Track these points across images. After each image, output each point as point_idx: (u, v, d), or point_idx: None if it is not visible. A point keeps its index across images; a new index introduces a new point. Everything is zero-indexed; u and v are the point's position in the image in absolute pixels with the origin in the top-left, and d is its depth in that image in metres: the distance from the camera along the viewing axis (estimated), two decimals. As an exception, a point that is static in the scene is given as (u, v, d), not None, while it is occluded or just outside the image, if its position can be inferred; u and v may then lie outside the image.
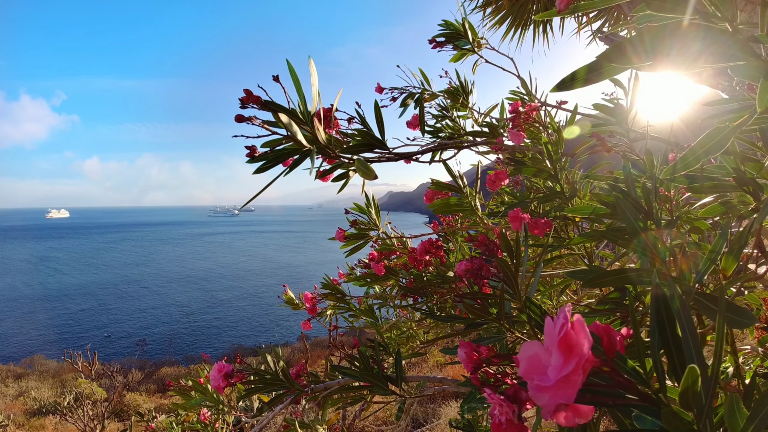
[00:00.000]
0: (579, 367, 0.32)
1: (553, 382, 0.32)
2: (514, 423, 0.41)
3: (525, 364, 0.35)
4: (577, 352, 0.32)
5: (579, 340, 0.33)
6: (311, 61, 0.70)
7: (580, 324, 0.33)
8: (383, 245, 1.71)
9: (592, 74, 0.47)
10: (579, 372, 0.32)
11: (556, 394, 0.32)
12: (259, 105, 0.68)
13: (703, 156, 0.53)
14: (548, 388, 0.32)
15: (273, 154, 0.73)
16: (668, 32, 0.41)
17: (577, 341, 0.33)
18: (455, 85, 1.80)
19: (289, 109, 0.71)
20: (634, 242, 0.62)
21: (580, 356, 0.32)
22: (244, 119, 0.68)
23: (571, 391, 0.32)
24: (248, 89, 0.68)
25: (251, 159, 0.72)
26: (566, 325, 0.33)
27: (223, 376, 1.17)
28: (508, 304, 0.73)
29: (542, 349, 0.35)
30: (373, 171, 0.76)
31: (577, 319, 0.34)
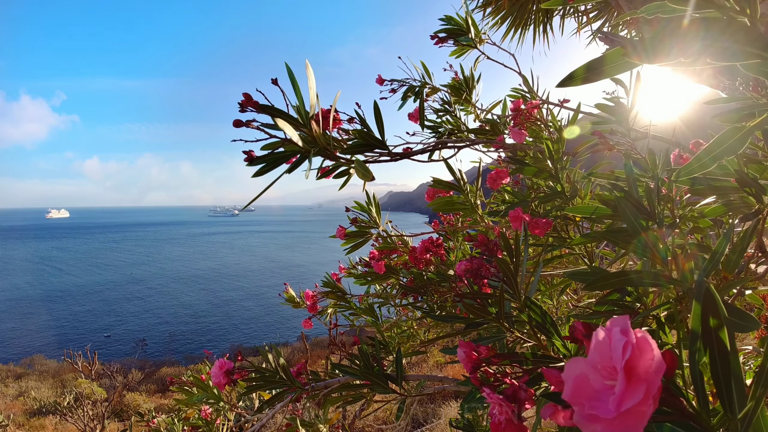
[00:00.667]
0: (649, 397, 0.27)
1: (614, 414, 0.27)
2: (514, 422, 0.40)
3: (572, 385, 0.30)
4: (645, 377, 0.27)
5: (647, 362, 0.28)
6: (308, 64, 0.70)
7: (646, 342, 0.28)
8: (384, 244, 1.71)
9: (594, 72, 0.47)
10: (648, 403, 0.27)
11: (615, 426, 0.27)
12: (257, 109, 0.69)
13: (711, 162, 0.51)
14: (608, 421, 0.27)
15: (271, 158, 0.73)
16: (670, 29, 0.40)
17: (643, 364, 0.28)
18: (459, 79, 1.80)
19: (287, 114, 0.71)
20: (635, 242, 0.61)
21: (650, 383, 0.27)
22: (243, 124, 0.68)
23: (637, 424, 0.27)
24: (247, 93, 0.68)
25: (249, 163, 0.72)
26: (629, 343, 0.28)
27: (224, 373, 1.17)
28: (508, 303, 0.73)
29: (590, 367, 0.30)
30: (370, 173, 0.76)
31: (642, 336, 0.29)
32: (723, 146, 0.53)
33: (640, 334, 0.29)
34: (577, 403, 0.30)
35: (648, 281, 0.57)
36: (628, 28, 3.00)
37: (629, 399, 0.27)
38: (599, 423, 0.28)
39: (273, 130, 0.71)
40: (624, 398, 0.27)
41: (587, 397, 0.29)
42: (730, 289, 0.65)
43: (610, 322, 0.30)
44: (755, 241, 0.72)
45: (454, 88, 1.80)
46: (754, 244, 0.73)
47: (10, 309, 30.73)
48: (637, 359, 0.28)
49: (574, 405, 0.30)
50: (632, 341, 0.28)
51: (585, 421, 0.29)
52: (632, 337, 0.29)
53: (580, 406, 0.29)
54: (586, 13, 3.75)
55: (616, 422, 0.27)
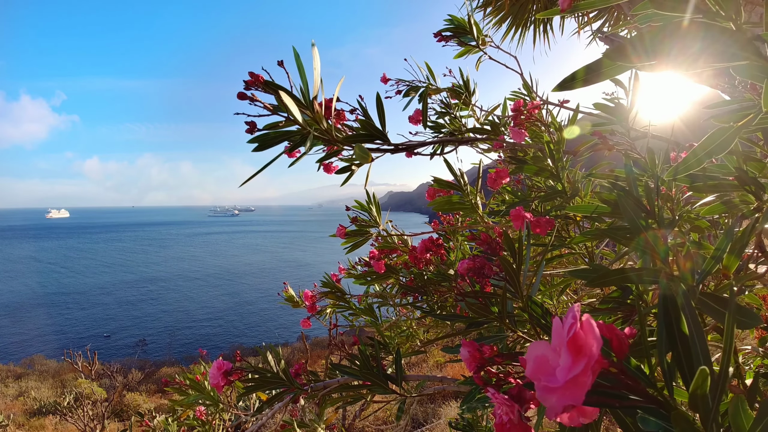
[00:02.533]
0: (588, 369, 0.31)
1: (561, 383, 0.32)
2: (518, 423, 0.40)
3: (532, 364, 0.35)
4: (586, 353, 0.32)
5: (588, 340, 0.32)
6: (314, 45, 0.71)
7: (589, 324, 0.33)
8: (384, 243, 1.71)
9: (593, 74, 0.47)
10: (588, 373, 0.32)
11: (565, 396, 0.32)
12: (261, 86, 0.69)
13: (705, 157, 0.53)
14: (556, 390, 0.32)
15: (273, 134, 0.73)
16: (669, 32, 0.41)
17: (586, 342, 0.32)
18: (458, 84, 1.81)
19: (290, 91, 0.72)
20: (636, 241, 0.61)
21: (590, 357, 0.32)
22: (246, 96, 0.68)
23: (580, 392, 0.31)
24: (253, 72, 0.68)
25: (252, 137, 0.73)
26: (575, 325, 0.33)
27: (222, 374, 1.17)
28: (510, 303, 0.73)
29: (549, 349, 0.35)
30: (369, 153, 0.77)
31: (586, 319, 0.33)
32: (716, 142, 0.54)
33: (584, 318, 0.34)
34: (536, 379, 0.34)
35: (648, 279, 0.57)
36: (628, 28, 3.00)
37: (572, 369, 0.32)
38: (553, 393, 0.32)
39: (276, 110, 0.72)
40: (568, 369, 0.32)
41: (545, 374, 0.34)
42: (728, 288, 0.65)
43: (568, 311, 0.35)
44: (755, 240, 0.72)
45: (454, 91, 1.81)
46: (754, 244, 0.73)
47: (10, 309, 30.70)
48: (579, 337, 0.33)
49: (535, 381, 0.34)
50: (577, 322, 0.33)
51: (543, 393, 0.33)
52: (578, 318, 0.33)
53: (538, 381, 0.34)
54: (587, 13, 3.76)
55: (563, 391, 0.32)
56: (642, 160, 1.01)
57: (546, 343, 0.35)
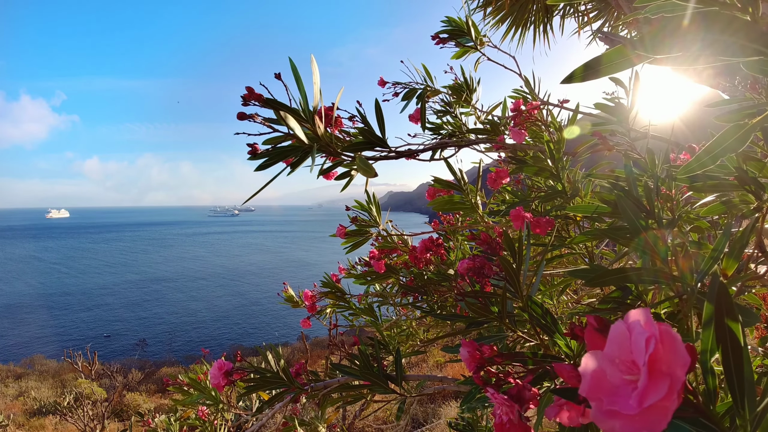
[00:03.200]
0: (673, 393, 0.26)
1: (637, 410, 0.26)
2: (518, 422, 0.40)
3: (589, 380, 0.29)
4: (668, 372, 0.26)
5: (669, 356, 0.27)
6: (313, 59, 0.70)
7: (670, 336, 0.27)
8: (384, 243, 1.71)
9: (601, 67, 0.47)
10: (672, 398, 0.26)
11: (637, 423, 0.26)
12: (261, 103, 0.68)
13: (721, 154, 0.50)
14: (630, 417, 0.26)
15: (274, 152, 0.73)
16: (670, 29, 0.41)
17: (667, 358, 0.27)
18: (460, 81, 1.80)
19: (291, 107, 0.71)
20: (636, 241, 0.62)
21: (674, 378, 0.26)
22: (246, 117, 0.67)
23: (660, 420, 0.26)
24: (250, 87, 0.67)
25: (253, 156, 0.72)
26: (654, 336, 0.27)
27: (223, 374, 1.17)
28: (510, 303, 0.73)
29: (608, 362, 0.29)
30: (373, 169, 0.76)
31: (665, 330, 0.27)
32: (723, 145, 0.54)
33: (663, 327, 0.28)
34: (595, 399, 0.28)
35: (648, 279, 0.57)
36: (628, 28, 3.00)
37: (652, 394, 0.26)
38: (619, 419, 0.27)
39: (276, 124, 0.71)
40: (647, 393, 0.26)
41: (606, 393, 0.28)
42: (729, 287, 0.65)
43: (629, 315, 0.29)
44: (754, 240, 0.72)
45: (455, 89, 1.81)
46: (753, 244, 0.73)
47: (10, 309, 30.68)
48: (659, 353, 0.27)
49: (592, 401, 0.29)
50: (655, 334, 0.27)
51: (604, 417, 0.27)
52: (655, 329, 0.27)
53: (598, 401, 0.28)
54: (587, 13, 3.75)
55: (638, 418, 0.26)
56: (642, 160, 1.01)
57: (601, 353, 0.30)
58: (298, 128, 0.69)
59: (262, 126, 0.71)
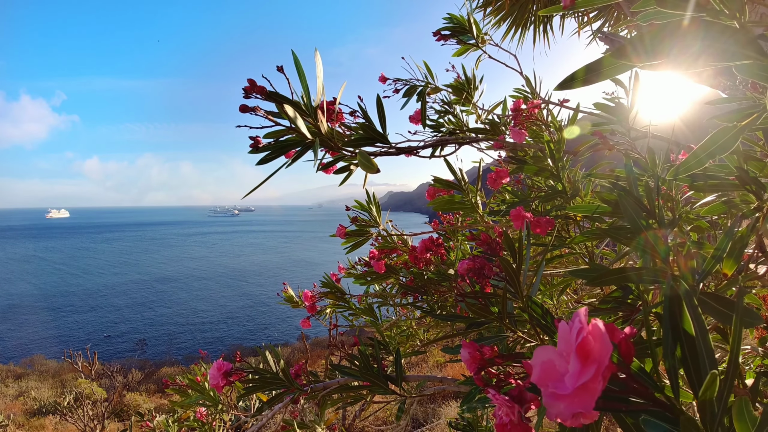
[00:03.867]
0: (599, 375, 0.31)
1: (570, 390, 0.31)
2: (519, 423, 0.40)
3: (538, 370, 0.34)
4: (595, 358, 0.31)
5: (597, 346, 0.31)
6: (317, 53, 0.70)
7: (597, 329, 0.32)
8: (384, 243, 1.71)
9: (593, 74, 0.47)
10: (599, 380, 0.31)
11: (574, 403, 0.31)
12: (263, 96, 0.68)
13: (707, 158, 0.52)
14: (565, 397, 0.31)
15: (276, 145, 0.72)
16: (670, 30, 0.40)
17: (595, 347, 0.31)
18: (461, 80, 1.80)
19: (293, 101, 0.70)
20: (636, 241, 0.61)
21: (600, 363, 0.31)
22: (248, 109, 0.67)
23: (590, 399, 0.30)
24: (252, 79, 0.67)
25: (254, 150, 0.71)
26: (584, 329, 0.32)
27: (222, 375, 1.16)
28: (510, 303, 0.73)
29: (556, 354, 0.33)
30: (375, 164, 0.76)
31: (594, 324, 0.32)
32: (718, 143, 0.54)
33: (594, 321, 0.33)
34: (543, 385, 0.33)
35: (648, 279, 0.57)
36: (628, 28, 3.00)
37: (582, 376, 0.31)
38: (561, 400, 0.31)
39: (278, 117, 0.71)
40: (578, 376, 0.31)
41: (553, 380, 0.33)
42: (729, 288, 0.65)
43: (574, 314, 0.34)
44: (755, 241, 0.72)
45: (456, 88, 1.80)
46: (754, 244, 0.73)
47: (11, 309, 30.68)
48: (589, 343, 0.32)
49: (541, 387, 0.33)
50: (586, 327, 0.32)
51: (550, 400, 0.32)
52: (586, 324, 0.32)
53: (545, 387, 0.33)
54: (586, 13, 3.75)
55: (573, 397, 0.31)
56: (642, 160, 1.00)
57: (552, 347, 0.34)
58: (301, 122, 0.69)
59: (264, 120, 0.70)
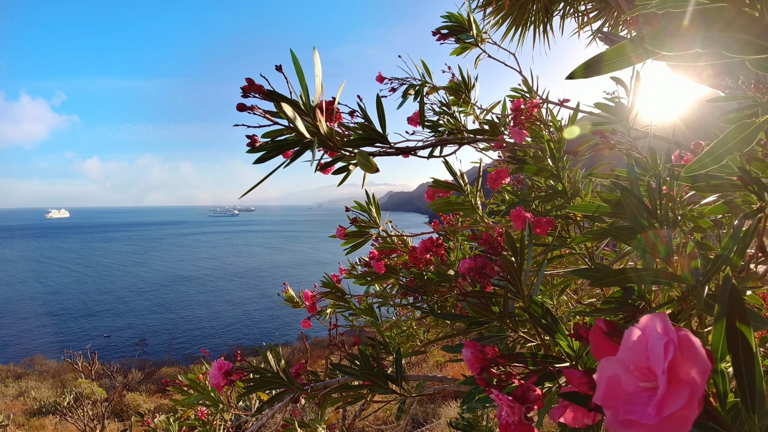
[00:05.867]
0: (693, 401, 0.25)
1: (656, 420, 0.25)
2: (522, 423, 0.39)
3: (605, 388, 0.28)
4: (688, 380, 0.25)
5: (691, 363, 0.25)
6: (315, 51, 0.69)
7: (690, 343, 0.26)
8: (384, 243, 1.71)
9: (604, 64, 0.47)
10: (693, 407, 0.25)
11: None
12: (262, 95, 0.67)
13: (725, 155, 0.50)
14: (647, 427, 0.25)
15: (273, 145, 0.72)
16: (677, 26, 0.40)
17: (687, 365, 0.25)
18: (457, 81, 1.80)
19: (292, 100, 0.70)
20: (637, 240, 0.61)
21: (694, 387, 0.25)
22: (246, 108, 0.67)
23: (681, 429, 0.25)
24: (250, 78, 0.67)
25: (252, 149, 0.71)
26: (672, 343, 0.26)
27: (222, 374, 1.16)
28: (511, 302, 0.73)
29: (622, 368, 0.28)
30: (374, 164, 0.75)
31: (684, 335, 0.26)
32: (725, 147, 0.53)
33: (682, 332, 0.26)
34: (610, 407, 0.27)
35: (648, 279, 0.57)
36: (627, 28, 2.99)
37: (672, 403, 0.25)
38: (637, 428, 0.26)
39: (276, 117, 0.70)
40: (666, 402, 0.25)
41: (621, 401, 0.27)
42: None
43: (643, 319, 0.28)
44: (756, 241, 0.72)
45: (453, 89, 1.80)
46: (754, 244, 0.73)
47: (10, 309, 30.65)
48: (678, 360, 0.26)
49: (607, 409, 0.27)
50: (674, 340, 0.26)
51: (620, 427, 0.27)
52: (674, 335, 0.26)
53: (614, 410, 0.27)
54: (586, 13, 3.75)
55: (657, 428, 0.25)
56: (643, 159, 1.00)
57: (616, 360, 0.28)
58: (299, 121, 0.68)
59: (262, 119, 0.70)
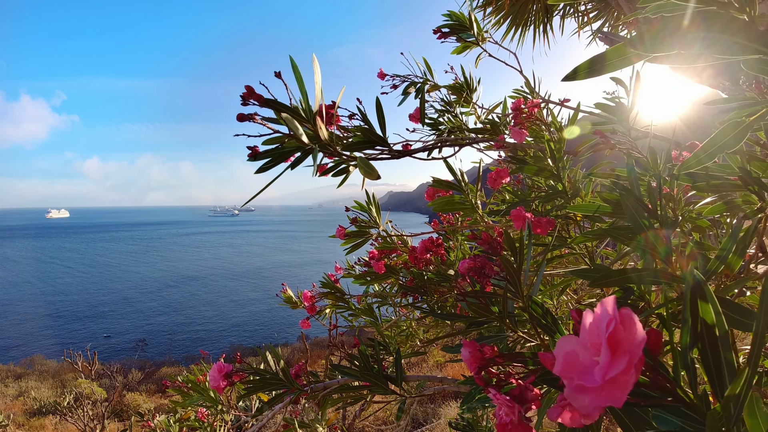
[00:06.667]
0: (631, 367, 0.28)
1: (600, 382, 0.29)
2: (520, 423, 0.40)
3: (561, 361, 0.32)
4: (627, 349, 0.29)
5: (630, 335, 0.29)
6: (315, 58, 0.69)
7: (629, 317, 0.30)
8: (383, 243, 1.71)
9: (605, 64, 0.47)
10: (631, 372, 0.28)
11: (602, 396, 0.29)
12: (261, 103, 0.67)
13: (717, 152, 0.52)
14: (593, 389, 0.29)
15: (275, 153, 0.72)
16: (677, 26, 0.40)
17: (627, 337, 0.29)
18: (460, 81, 1.80)
19: (292, 107, 0.70)
20: (637, 240, 0.61)
21: (633, 354, 0.28)
22: (246, 118, 0.67)
23: (621, 393, 0.28)
24: (249, 86, 0.67)
25: (253, 158, 0.71)
26: (614, 318, 0.30)
27: (222, 376, 1.16)
28: (511, 303, 0.73)
29: (580, 345, 0.32)
30: (375, 170, 0.75)
31: (626, 312, 0.30)
32: (719, 144, 0.54)
33: (624, 310, 0.30)
34: (567, 377, 0.31)
35: (648, 279, 0.57)
36: (628, 29, 3.00)
37: (613, 368, 0.29)
38: (587, 393, 0.29)
39: (276, 124, 0.70)
40: (608, 367, 0.29)
41: (577, 372, 0.31)
42: (731, 289, 0.65)
43: (599, 304, 0.32)
44: (756, 241, 0.72)
45: (455, 88, 1.80)
46: (754, 244, 0.73)
47: (10, 309, 30.66)
48: (620, 333, 0.30)
49: (565, 379, 0.31)
50: (616, 317, 0.30)
51: (575, 393, 0.30)
52: (616, 313, 0.30)
53: (569, 379, 0.31)
54: (586, 13, 3.75)
55: (602, 390, 0.29)
56: (644, 159, 1.00)
57: (575, 338, 0.33)
58: (300, 130, 0.68)
59: (262, 127, 0.70)
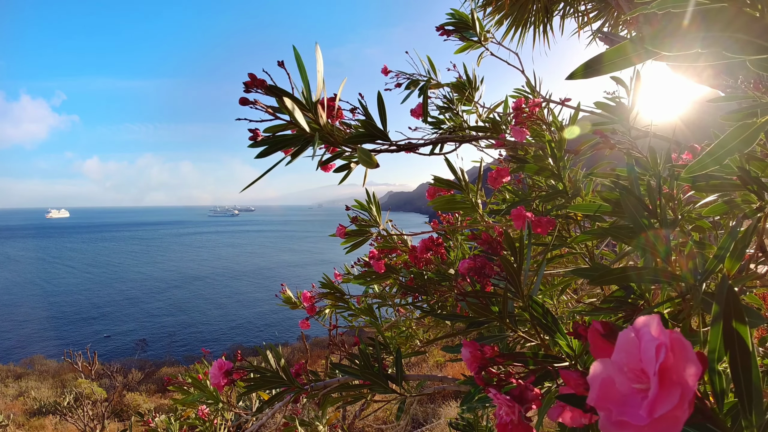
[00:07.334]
0: (684, 402, 0.25)
1: (647, 420, 0.25)
2: (520, 423, 0.39)
3: (598, 389, 0.28)
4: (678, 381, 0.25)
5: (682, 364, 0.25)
6: (317, 47, 0.70)
7: (681, 344, 0.26)
8: (383, 243, 1.71)
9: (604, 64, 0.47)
10: (684, 408, 0.25)
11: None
12: (264, 89, 0.68)
13: (726, 155, 0.50)
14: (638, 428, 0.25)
15: (275, 139, 0.72)
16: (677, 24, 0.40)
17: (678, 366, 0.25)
18: (463, 79, 1.81)
19: (293, 95, 0.70)
20: (637, 240, 0.61)
21: (685, 387, 0.25)
22: (248, 102, 0.67)
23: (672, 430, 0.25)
24: (253, 73, 0.67)
25: (253, 144, 0.71)
26: (664, 345, 0.26)
27: (223, 374, 1.16)
28: (511, 302, 0.73)
29: (616, 370, 0.28)
30: (374, 159, 0.75)
31: (675, 335, 0.26)
32: (726, 147, 0.53)
33: (674, 334, 0.26)
34: (603, 408, 0.27)
35: (648, 278, 0.57)
36: (627, 29, 2.99)
37: (663, 404, 0.25)
38: (629, 429, 0.26)
39: (278, 112, 0.71)
40: (658, 403, 0.25)
41: (615, 402, 0.27)
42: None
43: (637, 321, 0.28)
44: (756, 241, 0.72)
45: (457, 86, 1.81)
46: (754, 244, 0.73)
47: (10, 309, 30.66)
48: (670, 361, 0.26)
49: (601, 410, 0.28)
50: (665, 342, 0.26)
51: (613, 428, 0.27)
52: (665, 337, 0.26)
53: (607, 411, 0.27)
54: (586, 13, 3.75)
55: (649, 429, 0.25)
56: (644, 159, 1.00)
57: (610, 362, 0.28)
58: (301, 117, 0.69)
59: (264, 114, 0.70)
